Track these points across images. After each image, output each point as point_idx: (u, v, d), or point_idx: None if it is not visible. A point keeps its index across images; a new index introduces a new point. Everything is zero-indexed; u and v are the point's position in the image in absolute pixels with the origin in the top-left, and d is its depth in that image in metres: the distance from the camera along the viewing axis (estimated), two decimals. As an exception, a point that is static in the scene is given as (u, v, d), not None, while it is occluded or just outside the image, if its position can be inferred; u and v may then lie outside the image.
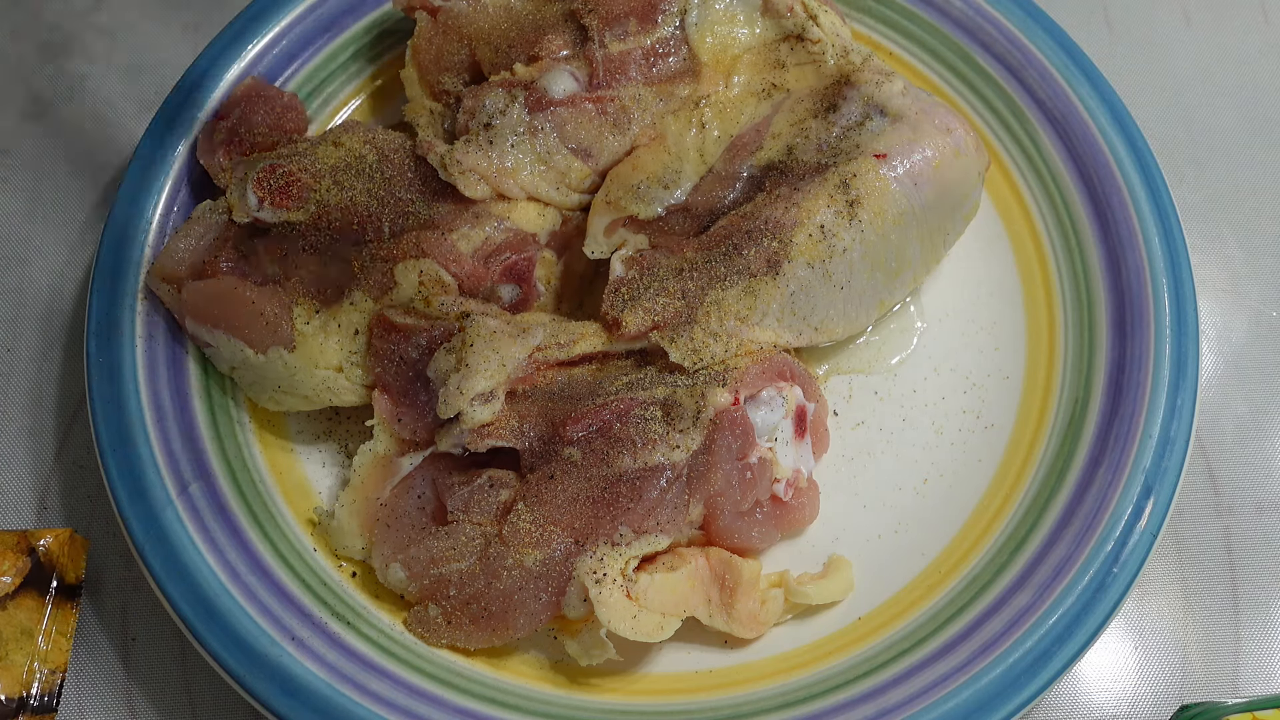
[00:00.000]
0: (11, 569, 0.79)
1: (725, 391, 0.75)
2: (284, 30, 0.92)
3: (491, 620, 0.74)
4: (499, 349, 0.78)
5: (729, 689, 0.76)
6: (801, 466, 0.80)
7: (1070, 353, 0.85)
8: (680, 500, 0.74)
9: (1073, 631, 0.73)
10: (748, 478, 0.76)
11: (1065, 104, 0.90)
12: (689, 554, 0.76)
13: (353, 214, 0.82)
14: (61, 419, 0.89)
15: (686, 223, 0.83)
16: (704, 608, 0.75)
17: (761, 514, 0.78)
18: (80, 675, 0.80)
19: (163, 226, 0.85)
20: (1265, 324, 0.93)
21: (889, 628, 0.77)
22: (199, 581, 0.74)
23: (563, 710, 0.74)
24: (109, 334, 0.81)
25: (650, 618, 0.72)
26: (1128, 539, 0.76)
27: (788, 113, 0.85)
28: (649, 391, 0.76)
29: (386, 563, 0.77)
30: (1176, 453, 0.78)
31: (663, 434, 0.74)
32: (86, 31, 1.05)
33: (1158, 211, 0.86)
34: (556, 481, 0.75)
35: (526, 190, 0.85)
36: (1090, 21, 1.05)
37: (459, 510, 0.76)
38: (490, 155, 0.84)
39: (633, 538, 0.73)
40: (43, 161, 0.99)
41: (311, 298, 0.81)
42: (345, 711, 0.71)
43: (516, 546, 0.74)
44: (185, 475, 0.78)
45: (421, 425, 0.79)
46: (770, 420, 0.77)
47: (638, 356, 0.80)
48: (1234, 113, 1.01)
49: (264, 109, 0.88)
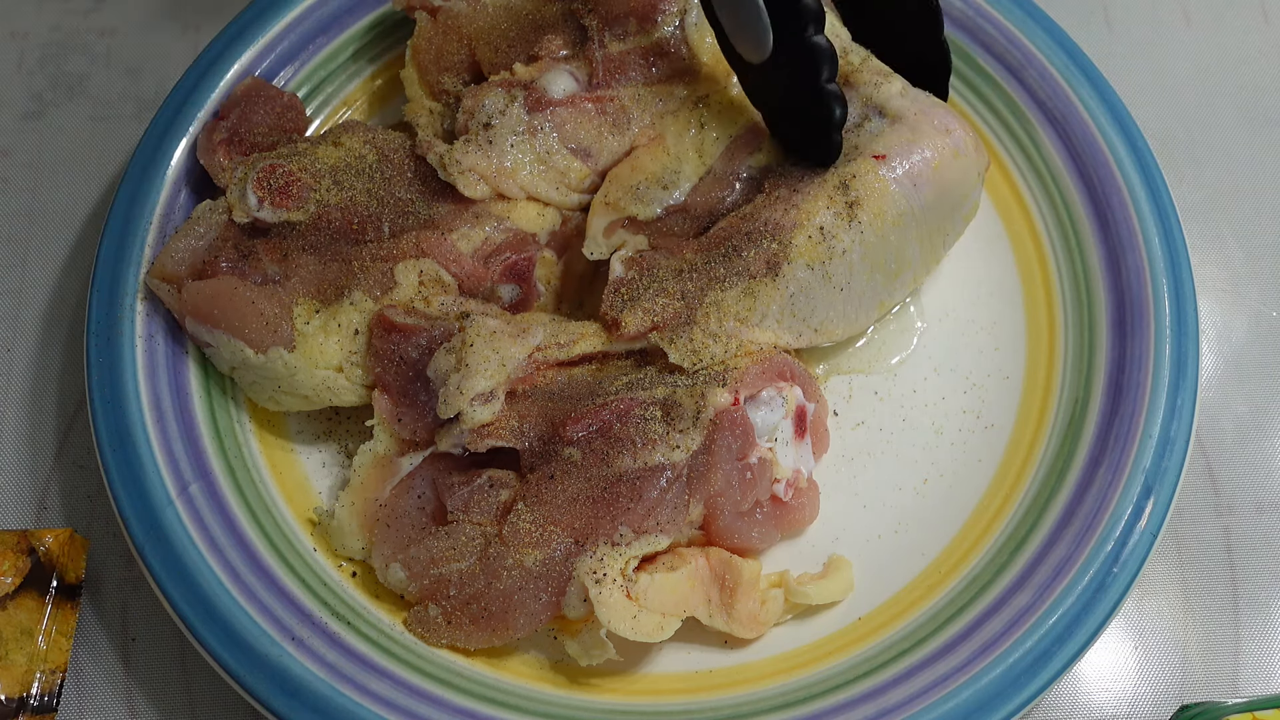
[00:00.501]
0: (12, 569, 0.79)
1: (725, 392, 0.75)
2: (284, 30, 0.92)
3: (491, 620, 0.74)
4: (499, 349, 0.78)
5: (729, 689, 0.76)
6: (801, 467, 0.80)
7: (1070, 353, 0.85)
8: (680, 500, 0.74)
9: (1073, 631, 0.73)
10: (748, 478, 0.76)
11: (1065, 104, 0.90)
12: (689, 554, 0.76)
13: (353, 214, 0.82)
14: (61, 419, 0.89)
15: (686, 224, 0.83)
16: (704, 608, 0.75)
17: (761, 514, 0.78)
18: (80, 675, 0.80)
19: (163, 226, 0.85)
20: (1265, 324, 0.93)
21: (889, 628, 0.77)
22: (199, 581, 0.74)
23: (563, 710, 0.74)
24: (109, 334, 0.81)
25: (650, 618, 0.72)
26: (1128, 539, 0.76)
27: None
28: (649, 391, 0.76)
29: (386, 563, 0.77)
30: (1176, 453, 0.78)
31: (663, 434, 0.74)
32: (87, 31, 1.05)
33: (1158, 211, 0.86)
34: (556, 481, 0.75)
35: (526, 190, 0.85)
36: (1090, 21, 1.05)
37: (459, 510, 0.76)
38: (490, 155, 0.84)
39: (633, 538, 0.73)
40: (43, 161, 0.99)
41: (311, 298, 0.81)
42: (345, 711, 0.71)
43: (516, 546, 0.74)
44: (185, 475, 0.78)
45: (421, 425, 0.79)
46: (770, 420, 0.77)
47: (638, 356, 0.80)
48: (1234, 112, 1.01)
49: (264, 109, 0.88)
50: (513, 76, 0.86)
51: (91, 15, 1.05)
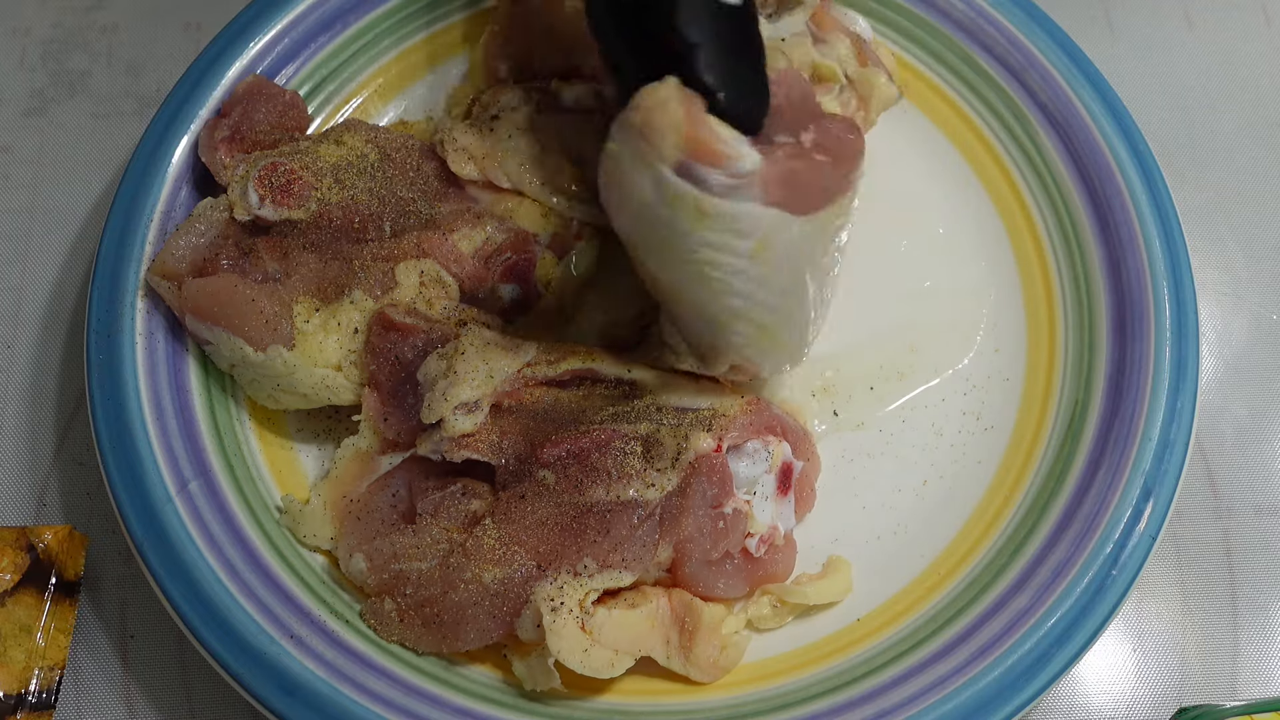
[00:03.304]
0: (10, 566, 0.79)
1: (709, 436, 0.74)
2: (286, 28, 0.91)
3: (442, 628, 0.73)
4: (489, 360, 0.77)
5: (728, 689, 0.76)
6: (780, 523, 0.78)
7: (1070, 355, 0.85)
8: (649, 539, 0.73)
9: (1071, 634, 0.73)
10: (719, 527, 0.74)
11: (1066, 106, 0.90)
12: (652, 593, 0.74)
13: (354, 213, 0.82)
14: (61, 416, 0.89)
15: None
16: (661, 648, 0.74)
17: (731, 565, 0.76)
18: (79, 672, 0.80)
19: (163, 224, 0.85)
20: (1266, 327, 0.93)
21: (888, 629, 0.77)
22: (198, 579, 0.74)
23: (561, 710, 0.74)
24: (109, 331, 0.81)
25: (602, 653, 0.71)
26: (1127, 541, 0.76)
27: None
28: (633, 425, 0.75)
29: (350, 552, 0.77)
30: (1176, 455, 0.78)
31: (640, 470, 0.73)
32: (88, 28, 1.05)
33: (1159, 214, 0.86)
34: (527, 502, 0.74)
35: (513, 181, 0.85)
36: (1092, 23, 1.05)
37: (428, 514, 0.76)
38: (485, 140, 0.84)
39: (596, 570, 0.72)
40: (43, 158, 0.99)
41: (312, 296, 0.81)
42: (344, 710, 0.71)
43: (478, 561, 0.73)
44: (185, 472, 0.78)
45: (406, 427, 0.79)
46: (751, 473, 0.76)
47: (627, 388, 0.80)
48: (1235, 115, 1.01)
49: (265, 107, 0.87)
50: (541, 84, 0.87)
51: (93, 12, 1.05)
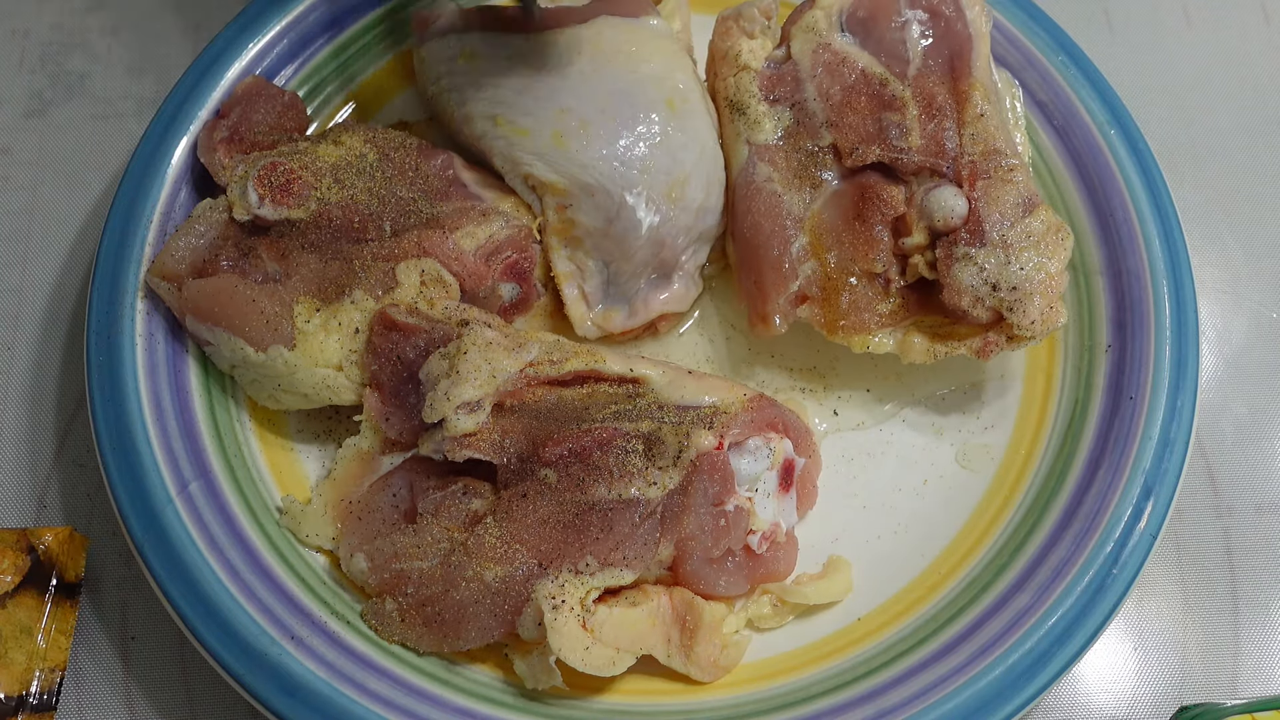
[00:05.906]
0: (11, 567, 0.79)
1: (710, 434, 0.74)
2: (285, 29, 0.91)
3: (444, 626, 0.73)
4: (491, 360, 0.77)
5: (728, 689, 0.76)
6: (782, 520, 0.78)
7: (1070, 354, 0.85)
8: (651, 538, 0.73)
9: (1072, 632, 0.73)
10: (721, 524, 0.74)
11: (1066, 104, 0.90)
12: (653, 591, 0.75)
13: (354, 212, 0.82)
14: (61, 417, 0.89)
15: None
16: (662, 647, 0.74)
17: (732, 563, 0.76)
18: (79, 673, 0.80)
19: (163, 225, 0.85)
20: (1265, 325, 0.93)
21: (888, 628, 0.77)
22: (198, 580, 0.74)
23: (562, 710, 0.74)
24: (109, 332, 0.81)
25: (603, 651, 0.71)
26: (1127, 540, 0.76)
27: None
28: (634, 424, 0.75)
29: (351, 552, 0.77)
30: (1176, 454, 0.78)
31: (641, 468, 0.73)
32: (88, 30, 1.05)
33: (1158, 212, 0.86)
34: (529, 501, 0.74)
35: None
36: (1091, 22, 1.05)
37: (429, 513, 0.76)
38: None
39: (597, 568, 0.72)
40: (43, 160, 0.99)
41: (312, 296, 0.81)
42: (344, 710, 0.71)
43: (479, 559, 0.73)
44: (185, 473, 0.78)
45: (407, 427, 0.79)
46: (753, 470, 0.76)
47: (629, 386, 0.80)
48: (1234, 113, 1.01)
49: (265, 107, 0.88)
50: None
51: (93, 14, 1.05)
